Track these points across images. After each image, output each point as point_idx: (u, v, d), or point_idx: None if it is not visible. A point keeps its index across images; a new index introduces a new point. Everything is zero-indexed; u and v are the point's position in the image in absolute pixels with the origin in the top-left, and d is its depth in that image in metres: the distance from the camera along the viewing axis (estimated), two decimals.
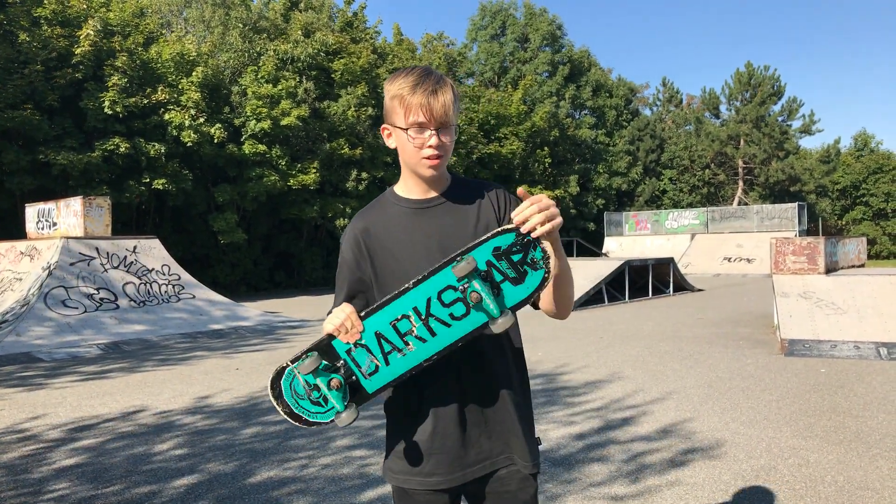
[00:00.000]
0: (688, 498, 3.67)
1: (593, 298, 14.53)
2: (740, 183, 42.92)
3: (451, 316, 1.50)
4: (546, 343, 9.50)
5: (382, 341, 1.53)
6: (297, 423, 1.58)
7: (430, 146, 1.60)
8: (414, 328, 1.51)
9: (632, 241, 33.52)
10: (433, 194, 1.71)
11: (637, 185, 42.45)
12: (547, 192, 32.57)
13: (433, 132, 1.60)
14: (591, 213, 38.25)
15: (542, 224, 1.48)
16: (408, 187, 1.72)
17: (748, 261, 26.76)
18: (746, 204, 40.25)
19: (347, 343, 1.53)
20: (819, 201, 42.53)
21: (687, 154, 43.34)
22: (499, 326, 1.48)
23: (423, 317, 1.50)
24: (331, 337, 1.53)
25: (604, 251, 32.83)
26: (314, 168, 21.82)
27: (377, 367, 1.55)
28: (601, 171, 39.86)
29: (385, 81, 1.74)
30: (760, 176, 41.40)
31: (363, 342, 1.52)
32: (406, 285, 1.50)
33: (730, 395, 6.08)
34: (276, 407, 1.57)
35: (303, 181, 21.37)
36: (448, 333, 1.51)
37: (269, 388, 1.57)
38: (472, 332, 1.51)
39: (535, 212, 1.49)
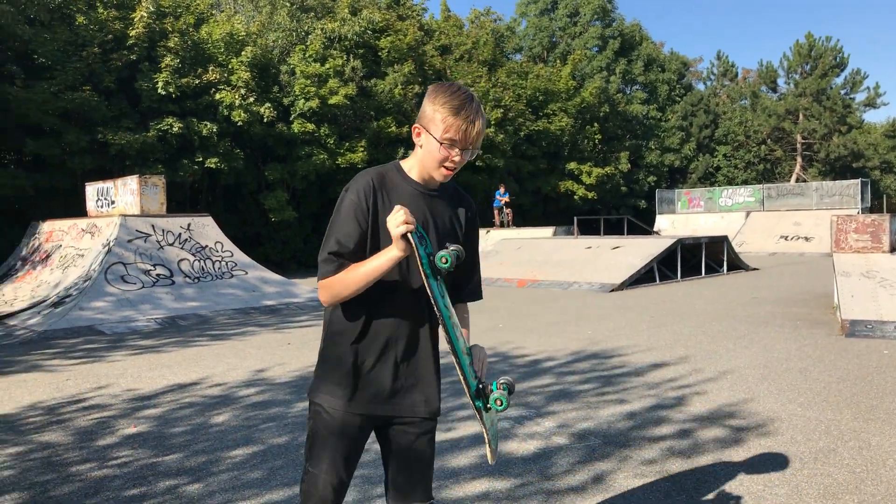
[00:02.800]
0: (743, 478, 3.59)
1: (644, 277, 14.29)
2: (798, 159, 41.48)
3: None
4: (595, 322, 9.40)
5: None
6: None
7: (452, 161, 1.92)
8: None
9: (684, 218, 32.79)
10: (433, 186, 2.03)
11: (690, 162, 41.42)
12: (597, 170, 32.12)
13: (459, 152, 1.90)
14: (642, 191, 37.55)
15: None
16: (415, 172, 2.01)
17: (806, 239, 25.91)
18: (805, 181, 38.91)
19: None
20: (883, 178, 40.84)
21: (742, 129, 42.02)
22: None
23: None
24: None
25: (655, 229, 32.22)
26: (362, 146, 21.93)
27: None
28: (653, 147, 39.01)
29: (430, 89, 1.96)
30: (820, 151, 39.92)
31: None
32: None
33: (786, 375, 5.92)
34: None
35: (351, 160, 21.51)
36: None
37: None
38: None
39: None
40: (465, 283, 2.15)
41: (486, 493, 3.50)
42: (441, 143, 1.88)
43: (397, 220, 1.77)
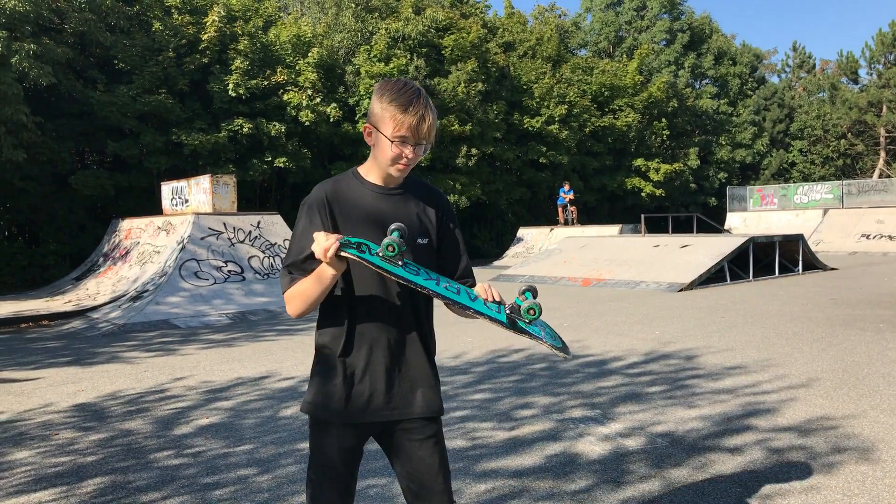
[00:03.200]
0: (820, 486, 3.43)
1: (714, 277, 13.87)
2: (882, 153, 39.45)
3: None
4: (663, 322, 9.17)
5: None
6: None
7: (406, 157, 1.91)
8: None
9: (756, 216, 31.65)
10: (393, 185, 2.02)
11: (763, 158, 39.95)
12: (664, 166, 31.37)
13: (412, 148, 1.91)
14: (712, 188, 36.45)
15: None
16: (373, 174, 2.02)
17: (890, 238, 24.60)
18: (889, 176, 36.97)
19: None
20: None
21: (820, 123, 40.24)
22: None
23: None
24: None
25: (726, 227, 31.22)
26: None
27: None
28: (723, 142, 37.82)
29: (377, 87, 1.97)
30: None
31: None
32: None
33: (868, 381, 5.62)
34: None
35: None
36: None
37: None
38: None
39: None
40: (453, 272, 2.10)
41: (551, 493, 3.45)
42: (392, 142, 1.89)
43: (319, 249, 1.76)
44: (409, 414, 1.99)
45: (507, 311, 1.91)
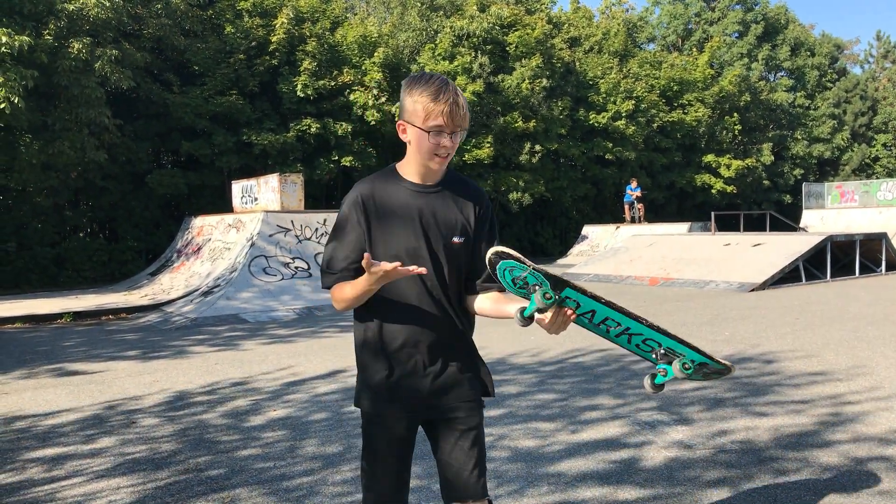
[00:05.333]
0: None
1: (788, 276, 13.34)
2: None
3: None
4: (734, 322, 8.88)
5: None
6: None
7: (444, 146, 1.92)
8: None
9: (835, 214, 30.23)
10: (431, 182, 2.01)
11: (843, 153, 38.12)
12: (736, 162, 30.36)
13: (448, 136, 1.91)
14: (787, 185, 35.03)
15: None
16: (412, 172, 2.01)
17: None
18: None
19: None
20: None
21: None
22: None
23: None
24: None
25: (801, 225, 29.96)
26: (488, 142, 22.01)
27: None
28: (799, 137, 36.27)
29: (404, 83, 1.97)
30: None
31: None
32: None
33: None
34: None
35: (477, 156, 21.66)
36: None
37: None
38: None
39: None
40: (482, 269, 2.02)
41: (608, 499, 3.38)
42: (428, 133, 1.89)
43: (380, 271, 1.81)
44: (454, 402, 2.02)
45: (551, 284, 1.76)
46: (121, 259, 18.15)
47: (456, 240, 1.99)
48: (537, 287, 1.73)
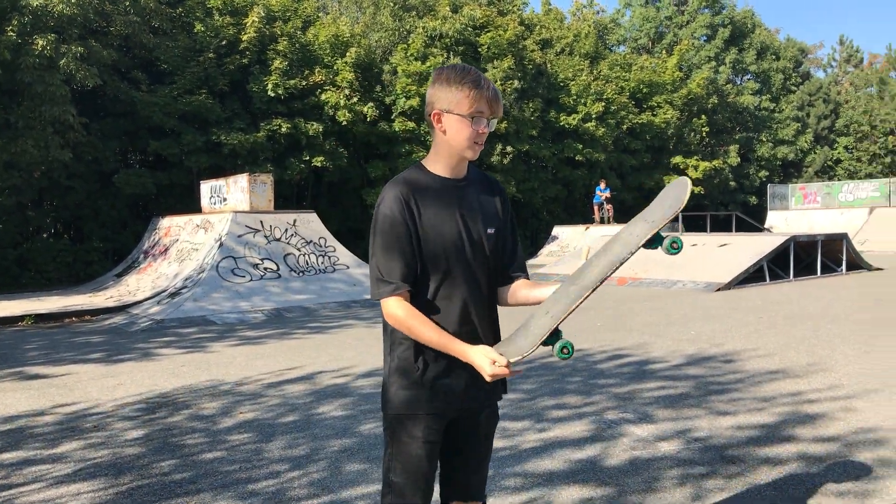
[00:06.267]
0: (863, 498, 3.34)
1: (753, 276, 13.59)
2: None
3: None
4: (699, 322, 9.03)
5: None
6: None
7: (482, 133, 1.93)
8: None
9: (799, 215, 30.91)
10: (460, 176, 2.03)
11: (806, 155, 38.94)
12: (703, 164, 30.81)
13: (486, 122, 1.93)
14: (752, 186, 35.67)
15: None
16: (441, 166, 2.01)
17: None
18: None
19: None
20: None
21: (867, 119, 39.04)
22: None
23: None
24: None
25: (766, 226, 30.56)
26: None
27: None
28: (765, 139, 36.96)
29: (437, 75, 1.97)
30: None
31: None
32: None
33: None
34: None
35: None
36: None
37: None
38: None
39: None
40: (511, 262, 2.14)
41: (582, 496, 3.42)
42: (472, 119, 1.90)
43: (489, 368, 1.83)
44: (488, 401, 2.09)
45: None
46: (86, 260, 17.83)
47: (489, 230, 2.03)
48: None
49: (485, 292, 2.04)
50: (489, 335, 2.05)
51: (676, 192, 1.88)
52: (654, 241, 1.83)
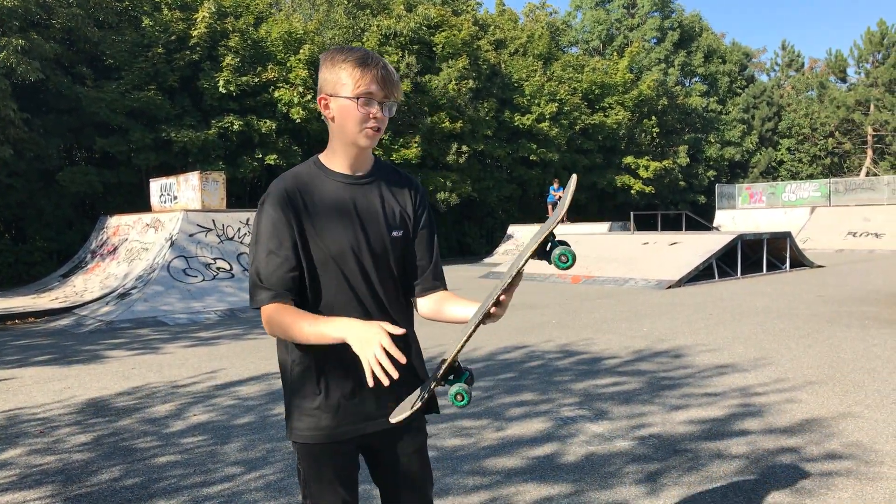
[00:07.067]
0: (809, 488, 3.46)
1: (703, 274, 13.95)
2: (869, 152, 39.76)
3: None
4: (651, 319, 9.22)
5: None
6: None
7: (374, 117, 1.69)
8: None
9: (745, 214, 31.85)
10: (361, 172, 1.80)
11: (751, 156, 40.18)
12: (654, 164, 31.46)
13: (378, 106, 1.69)
14: (701, 186, 36.62)
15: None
16: (339, 162, 1.78)
17: (876, 235, 24.83)
18: (876, 174, 37.27)
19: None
20: None
21: (808, 122, 40.51)
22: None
23: None
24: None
25: (715, 225, 31.40)
26: (416, 142, 22.04)
27: None
28: (712, 140, 37.99)
29: (323, 57, 1.75)
30: (893, 144, 38.14)
31: None
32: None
33: (853, 376, 5.68)
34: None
35: (405, 155, 21.66)
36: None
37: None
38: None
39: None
40: (423, 272, 1.86)
41: (539, 492, 3.47)
42: (358, 100, 1.67)
43: (375, 348, 1.49)
44: (407, 419, 1.75)
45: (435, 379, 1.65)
46: (28, 261, 17.22)
47: (395, 234, 1.78)
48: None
49: (389, 307, 1.79)
50: (404, 347, 1.75)
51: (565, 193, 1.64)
52: (543, 255, 1.57)
